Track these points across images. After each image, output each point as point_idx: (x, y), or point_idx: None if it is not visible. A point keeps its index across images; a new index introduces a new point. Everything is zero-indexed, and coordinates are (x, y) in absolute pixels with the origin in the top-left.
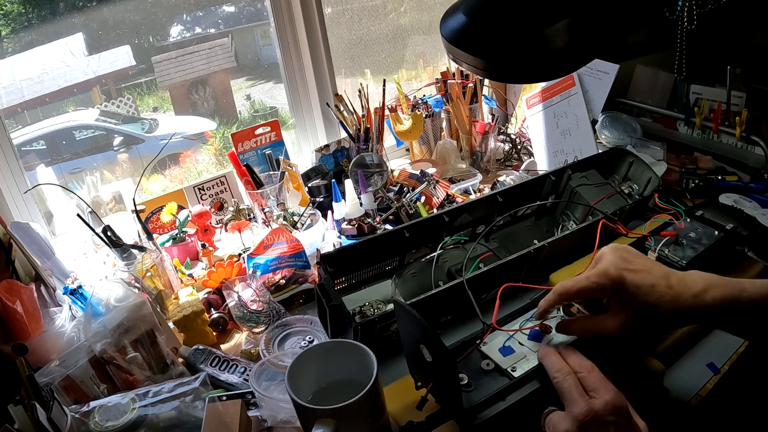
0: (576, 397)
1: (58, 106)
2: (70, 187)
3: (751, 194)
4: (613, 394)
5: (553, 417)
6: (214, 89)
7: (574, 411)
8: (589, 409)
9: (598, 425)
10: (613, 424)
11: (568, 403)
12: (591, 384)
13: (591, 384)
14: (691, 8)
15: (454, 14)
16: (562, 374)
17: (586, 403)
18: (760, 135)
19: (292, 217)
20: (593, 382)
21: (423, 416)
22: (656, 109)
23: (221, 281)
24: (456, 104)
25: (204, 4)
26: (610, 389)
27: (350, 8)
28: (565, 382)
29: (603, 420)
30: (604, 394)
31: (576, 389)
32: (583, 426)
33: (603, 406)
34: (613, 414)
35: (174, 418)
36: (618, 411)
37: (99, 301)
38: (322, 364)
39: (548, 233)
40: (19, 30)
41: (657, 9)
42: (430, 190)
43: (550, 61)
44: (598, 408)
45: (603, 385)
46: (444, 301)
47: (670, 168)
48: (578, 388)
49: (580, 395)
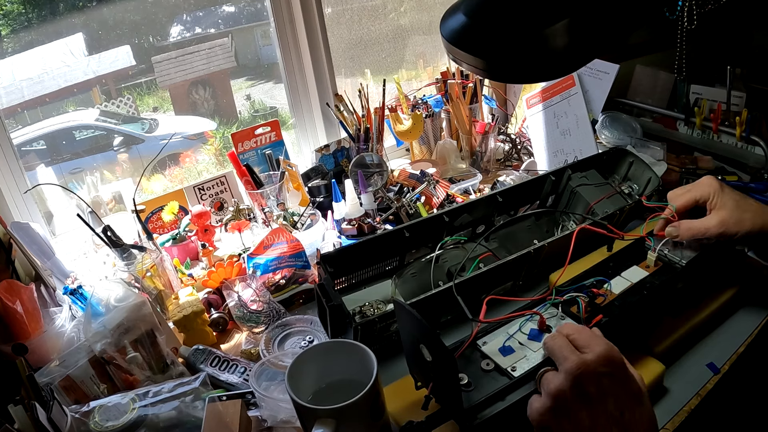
0: (567, 354)
1: (58, 106)
2: (70, 187)
3: (751, 194)
4: (604, 346)
5: (547, 375)
6: (214, 89)
7: (565, 366)
8: (581, 362)
9: (590, 377)
10: (606, 376)
11: (560, 360)
12: (582, 341)
13: (582, 341)
14: (691, 8)
15: (454, 14)
16: (551, 337)
17: (577, 357)
18: (760, 135)
19: (292, 217)
20: (584, 339)
21: (423, 416)
22: (656, 109)
23: (221, 281)
24: (456, 104)
25: (204, 4)
26: (601, 343)
27: (350, 8)
28: (556, 342)
29: (596, 372)
30: (596, 347)
31: (567, 347)
32: (575, 379)
33: (595, 358)
34: (606, 365)
35: (174, 418)
36: (610, 362)
37: (99, 301)
38: (322, 364)
39: (548, 233)
40: (19, 30)
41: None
42: (430, 190)
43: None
44: (589, 360)
45: (594, 341)
46: (444, 301)
47: (670, 168)
48: (569, 346)
49: (571, 352)
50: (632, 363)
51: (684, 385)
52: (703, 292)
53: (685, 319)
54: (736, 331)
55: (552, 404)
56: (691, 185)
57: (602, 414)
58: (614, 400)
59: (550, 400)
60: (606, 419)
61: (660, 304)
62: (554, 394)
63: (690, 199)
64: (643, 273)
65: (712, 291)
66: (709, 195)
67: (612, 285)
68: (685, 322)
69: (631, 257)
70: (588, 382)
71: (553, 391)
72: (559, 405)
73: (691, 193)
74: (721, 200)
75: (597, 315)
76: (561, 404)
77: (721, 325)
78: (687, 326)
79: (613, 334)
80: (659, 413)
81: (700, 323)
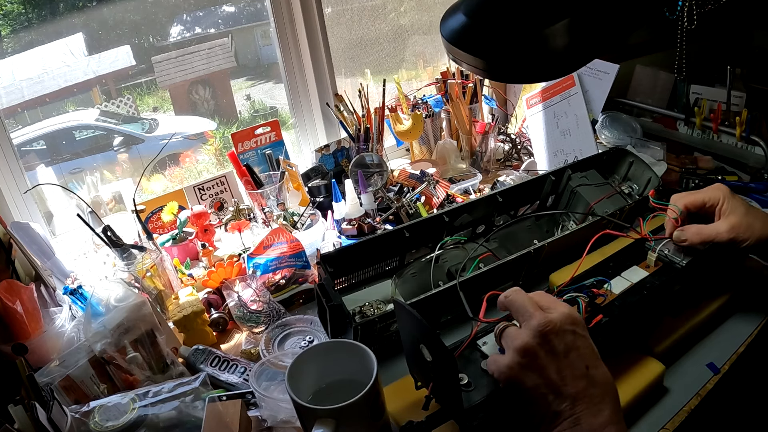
0: (532, 311)
1: (58, 106)
2: (70, 187)
3: (751, 194)
4: (567, 307)
5: (510, 330)
6: (214, 89)
7: (531, 323)
8: (548, 319)
9: (557, 333)
10: (570, 333)
11: (525, 317)
12: (545, 302)
13: (545, 302)
14: (691, 8)
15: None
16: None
17: (543, 315)
18: (760, 135)
19: (292, 217)
20: (547, 301)
21: (423, 416)
22: (656, 109)
23: (221, 281)
24: (456, 104)
25: (204, 4)
26: (564, 305)
27: (350, 8)
28: (518, 299)
29: (561, 328)
30: (560, 308)
31: (531, 304)
32: (543, 335)
33: (560, 317)
34: (570, 323)
35: (174, 418)
36: (573, 321)
37: (99, 301)
38: (322, 364)
39: (548, 233)
40: (19, 30)
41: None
42: (430, 190)
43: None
44: (555, 318)
45: (556, 303)
46: (444, 301)
47: (670, 168)
48: (533, 304)
49: (535, 309)
50: (632, 363)
51: (684, 385)
52: (703, 293)
53: (685, 319)
54: (736, 331)
55: (520, 359)
56: (700, 189)
57: (569, 367)
58: (579, 354)
59: (518, 355)
60: (572, 372)
61: (660, 304)
62: (522, 349)
63: (698, 200)
64: (643, 273)
65: (713, 291)
66: (719, 199)
67: (612, 285)
68: (685, 322)
69: (631, 257)
70: (554, 338)
71: (521, 346)
72: (528, 360)
73: (699, 195)
74: (732, 205)
75: (597, 315)
76: (529, 359)
77: (721, 325)
78: (687, 326)
79: (613, 334)
80: (659, 413)
81: (700, 323)
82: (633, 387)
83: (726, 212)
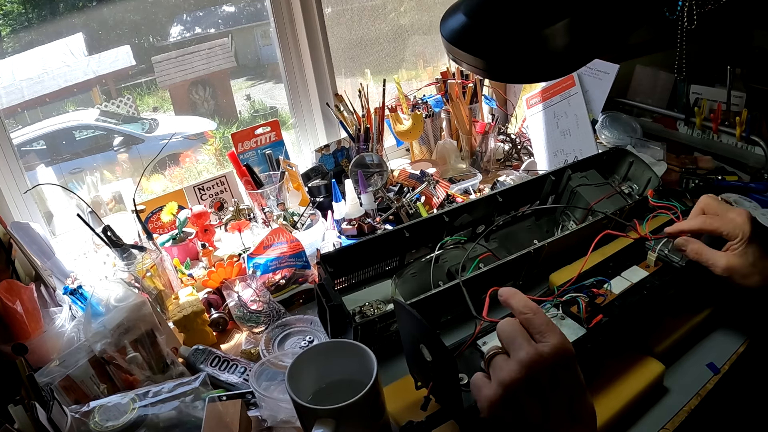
0: (521, 342)
1: (58, 106)
2: (70, 187)
3: (751, 194)
4: (560, 338)
5: (497, 360)
6: (214, 89)
7: (520, 355)
8: (536, 354)
9: (545, 369)
10: (559, 367)
11: (514, 347)
12: (537, 327)
13: (537, 327)
14: (691, 8)
15: (454, 14)
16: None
17: (533, 348)
18: (760, 135)
19: (292, 217)
20: (539, 325)
21: (423, 416)
22: (656, 109)
23: (221, 281)
24: (456, 104)
25: (204, 4)
26: (556, 332)
27: (350, 8)
28: (507, 328)
29: (551, 364)
30: (551, 338)
31: (521, 334)
32: (529, 370)
33: (551, 351)
34: (560, 358)
35: (174, 418)
36: (564, 354)
37: (99, 301)
38: (322, 364)
39: (548, 233)
40: (19, 30)
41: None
42: (430, 190)
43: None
44: (545, 353)
45: (549, 329)
46: (444, 301)
47: (670, 168)
48: (524, 333)
49: (526, 340)
50: (632, 363)
51: (684, 385)
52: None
53: (685, 319)
54: (736, 331)
55: (503, 393)
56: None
57: (554, 406)
58: (565, 390)
59: (502, 390)
60: (557, 411)
61: (660, 304)
62: (506, 384)
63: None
64: (643, 273)
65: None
66: (736, 237)
67: (612, 285)
68: (685, 322)
69: (631, 257)
70: (542, 373)
71: (506, 380)
72: (511, 395)
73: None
74: (744, 249)
75: (597, 315)
76: (512, 394)
77: (721, 325)
78: (687, 326)
79: (613, 334)
80: (659, 413)
81: (700, 323)
82: (633, 387)
83: (735, 251)
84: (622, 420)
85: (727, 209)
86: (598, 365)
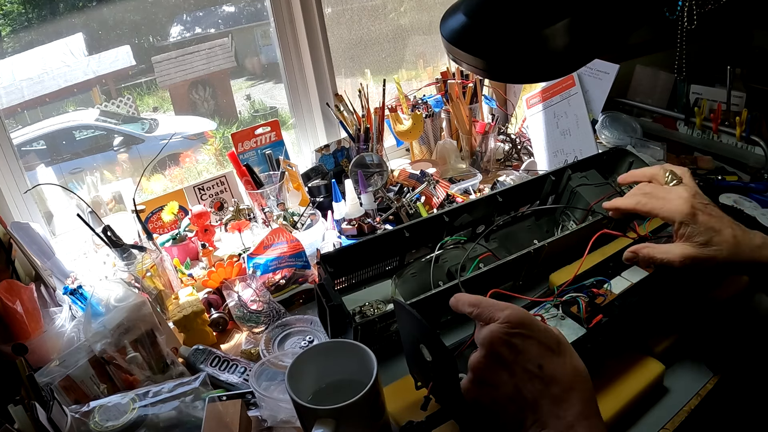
0: (478, 330)
1: (58, 106)
2: (70, 187)
3: (751, 194)
4: (507, 310)
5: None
6: (214, 89)
7: (479, 339)
8: (488, 331)
9: (500, 341)
10: (516, 335)
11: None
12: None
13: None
14: (691, 8)
15: (454, 14)
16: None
17: (484, 330)
18: (760, 135)
19: (292, 217)
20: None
21: (423, 416)
22: (656, 109)
23: (221, 281)
24: (456, 104)
25: (204, 4)
26: (504, 308)
27: (350, 8)
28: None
29: (505, 333)
30: (498, 313)
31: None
32: (488, 347)
33: (500, 324)
34: (514, 326)
35: (174, 418)
36: (517, 322)
37: (99, 301)
38: (322, 364)
39: (548, 233)
40: (19, 30)
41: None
42: (430, 190)
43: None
44: (494, 329)
45: (497, 308)
46: (444, 301)
47: None
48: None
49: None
50: (632, 363)
51: (684, 385)
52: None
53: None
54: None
55: (473, 376)
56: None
57: (520, 372)
58: (529, 356)
59: (472, 373)
60: (525, 375)
61: (660, 304)
62: (473, 366)
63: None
64: (643, 273)
65: None
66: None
67: (612, 285)
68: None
69: None
70: (499, 346)
71: (473, 363)
72: (479, 375)
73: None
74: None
75: (597, 315)
76: (480, 374)
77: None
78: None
79: (613, 334)
80: (659, 413)
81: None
82: (633, 387)
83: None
84: (622, 420)
85: (668, 190)
86: (598, 365)
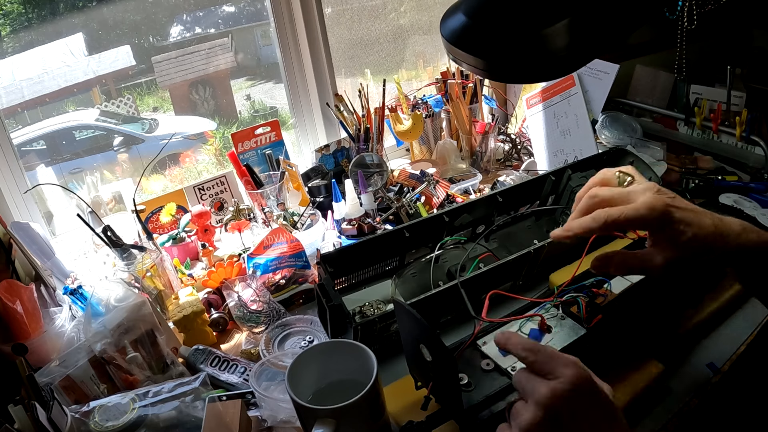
0: (535, 384)
1: (58, 106)
2: (70, 187)
3: (751, 194)
4: (571, 368)
5: (516, 406)
6: (214, 89)
7: (535, 397)
8: (550, 392)
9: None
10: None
11: (529, 392)
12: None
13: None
14: (691, 8)
15: (454, 14)
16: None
17: (546, 387)
18: (760, 135)
19: (292, 217)
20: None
21: (423, 416)
22: (656, 109)
23: (221, 281)
24: (456, 104)
25: (204, 4)
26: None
27: (350, 8)
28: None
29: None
30: (563, 370)
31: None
32: (547, 410)
33: (565, 385)
34: (576, 388)
35: (174, 418)
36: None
37: (99, 301)
38: (322, 364)
39: (548, 233)
40: (19, 30)
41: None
42: (430, 190)
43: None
44: (560, 388)
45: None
46: (444, 301)
47: (670, 168)
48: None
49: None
50: (632, 363)
51: (684, 385)
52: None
53: (685, 319)
54: (736, 331)
55: None
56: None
57: None
58: (587, 421)
59: None
60: None
61: (660, 304)
62: (526, 427)
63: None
64: None
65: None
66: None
67: (612, 285)
68: (686, 322)
69: None
70: (560, 410)
71: (526, 425)
72: None
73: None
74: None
75: (597, 315)
76: None
77: (721, 325)
78: (687, 326)
79: (613, 334)
80: (660, 413)
81: (700, 323)
82: (633, 387)
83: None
84: None
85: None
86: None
